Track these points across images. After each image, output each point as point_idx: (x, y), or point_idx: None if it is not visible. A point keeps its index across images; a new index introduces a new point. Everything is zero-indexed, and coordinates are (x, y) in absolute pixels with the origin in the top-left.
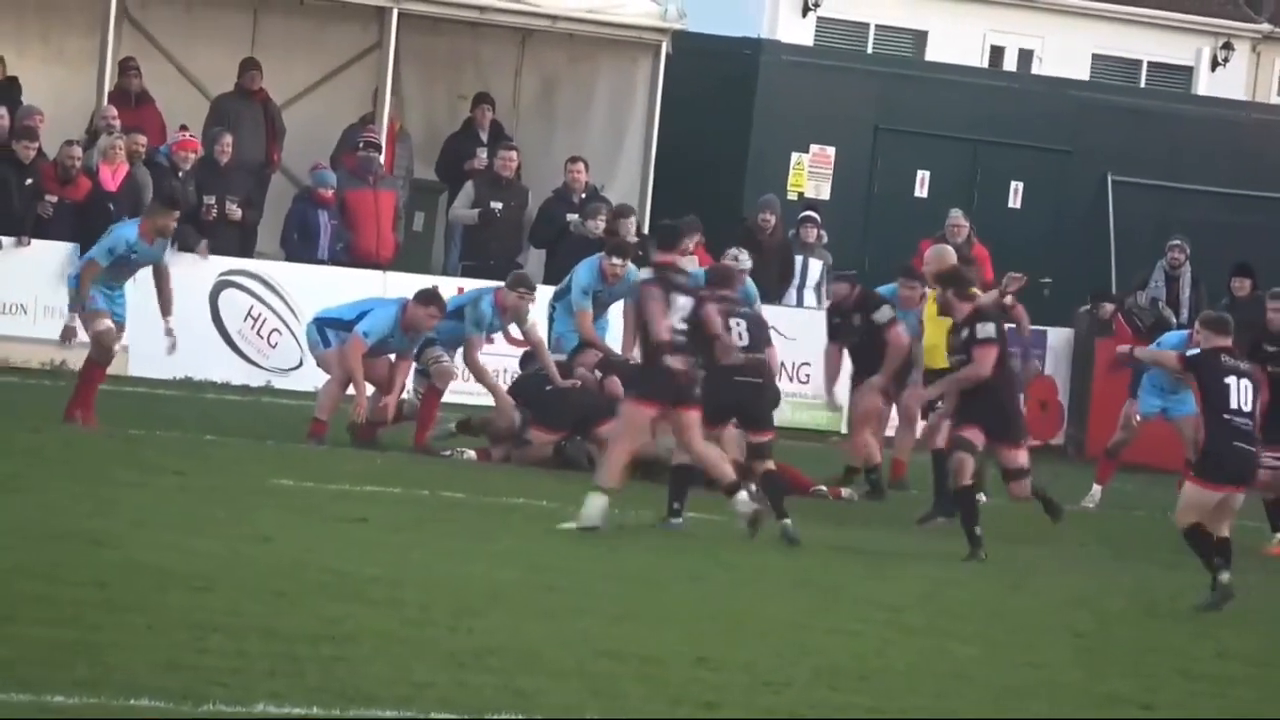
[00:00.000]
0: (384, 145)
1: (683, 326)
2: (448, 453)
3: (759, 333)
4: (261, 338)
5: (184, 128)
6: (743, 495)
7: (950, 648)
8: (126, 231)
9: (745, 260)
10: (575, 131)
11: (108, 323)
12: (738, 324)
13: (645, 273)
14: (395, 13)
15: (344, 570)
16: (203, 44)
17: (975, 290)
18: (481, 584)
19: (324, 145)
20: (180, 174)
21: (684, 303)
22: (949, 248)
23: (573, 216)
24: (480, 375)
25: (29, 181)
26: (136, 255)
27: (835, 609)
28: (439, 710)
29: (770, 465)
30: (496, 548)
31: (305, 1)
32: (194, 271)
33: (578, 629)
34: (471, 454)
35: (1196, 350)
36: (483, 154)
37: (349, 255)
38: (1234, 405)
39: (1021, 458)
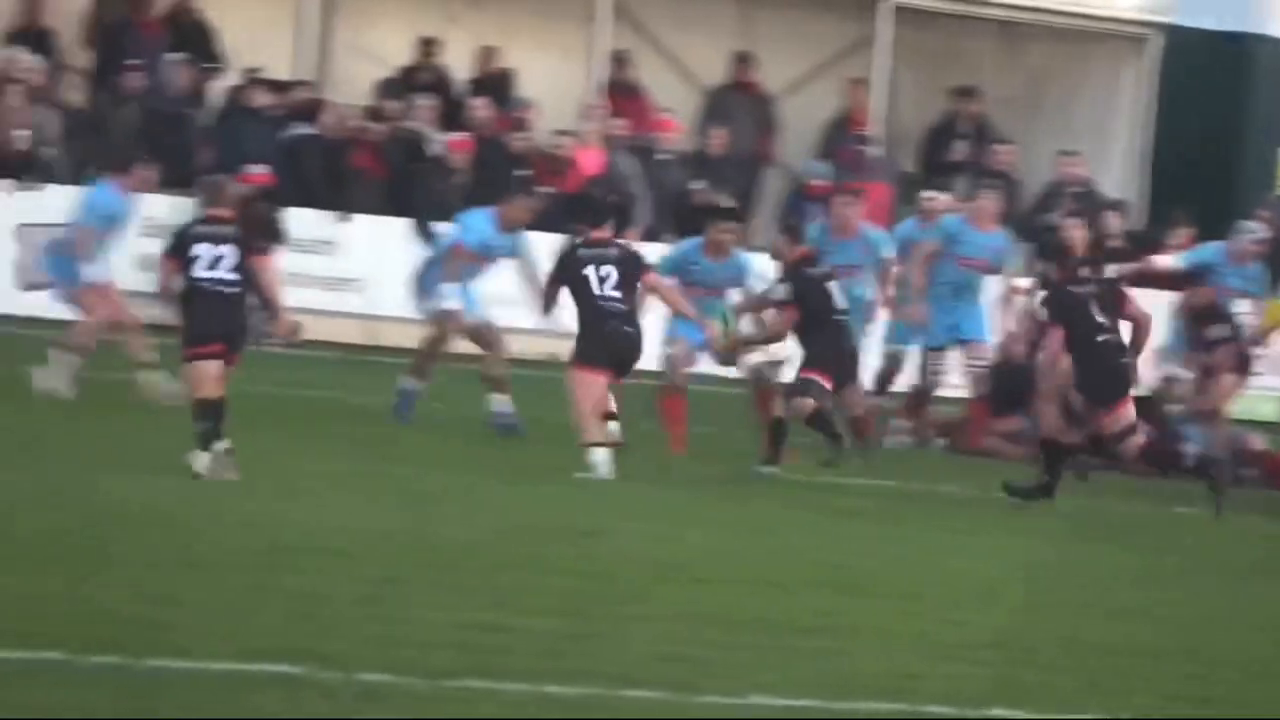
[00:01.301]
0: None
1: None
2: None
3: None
4: None
5: (668, 110)
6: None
7: None
8: (477, 221)
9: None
10: (1060, 126)
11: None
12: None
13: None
14: (887, 6)
15: (838, 563)
16: (694, 35)
17: None
18: (972, 578)
19: (813, 137)
20: (659, 158)
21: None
22: None
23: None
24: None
25: (521, 173)
26: (494, 247)
27: None
28: (933, 703)
29: None
30: (984, 542)
31: None
32: None
33: (1069, 624)
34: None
35: None
36: (964, 147)
37: None
38: None
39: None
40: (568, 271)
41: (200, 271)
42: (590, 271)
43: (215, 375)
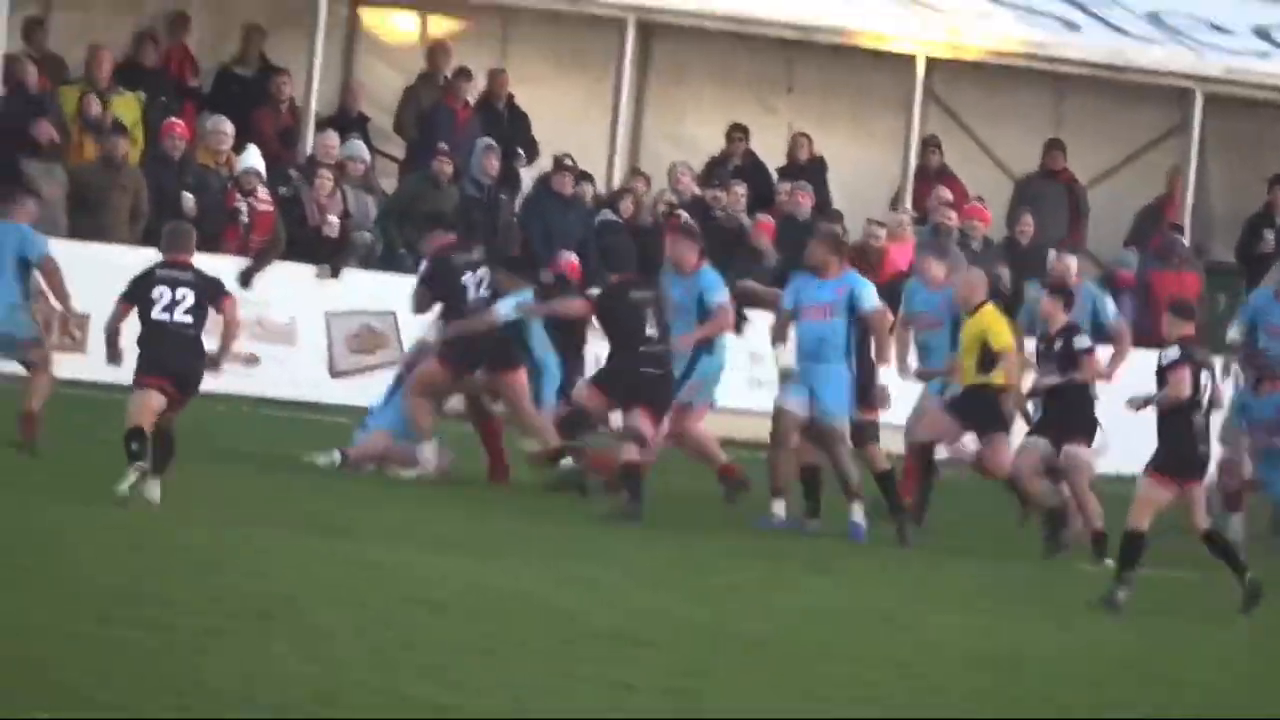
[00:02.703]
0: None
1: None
2: None
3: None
4: None
5: (979, 199)
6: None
7: None
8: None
9: None
10: None
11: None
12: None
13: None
14: (1199, 94)
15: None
16: (1006, 123)
17: None
18: None
19: (1122, 226)
20: (972, 245)
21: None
22: None
23: None
24: None
25: None
26: None
27: None
28: None
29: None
30: None
31: (1110, 80)
32: None
33: None
34: None
35: None
36: (1270, 236)
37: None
38: None
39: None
40: None
41: (157, 312)
42: None
43: (153, 407)
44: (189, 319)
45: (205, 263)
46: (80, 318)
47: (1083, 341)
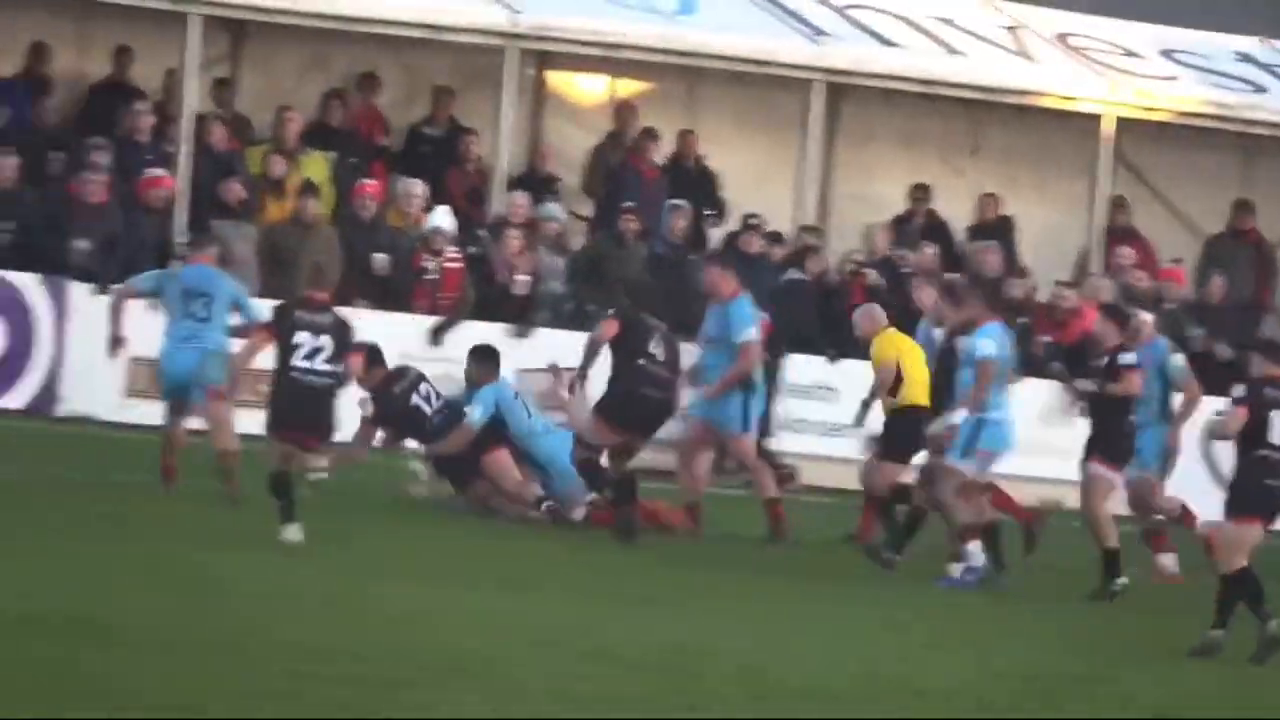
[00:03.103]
0: None
1: None
2: None
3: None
4: None
5: (1177, 260)
6: None
7: None
8: None
9: None
10: None
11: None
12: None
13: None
14: None
15: None
16: (1193, 183)
17: None
18: None
19: None
20: (1166, 306)
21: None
22: None
23: None
24: None
25: (1021, 320)
26: None
27: None
28: None
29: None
30: None
31: None
32: None
33: None
34: None
35: None
36: None
37: None
38: None
39: None
40: None
41: (298, 360)
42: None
43: (289, 455)
44: (328, 368)
45: (395, 321)
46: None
47: (1128, 358)
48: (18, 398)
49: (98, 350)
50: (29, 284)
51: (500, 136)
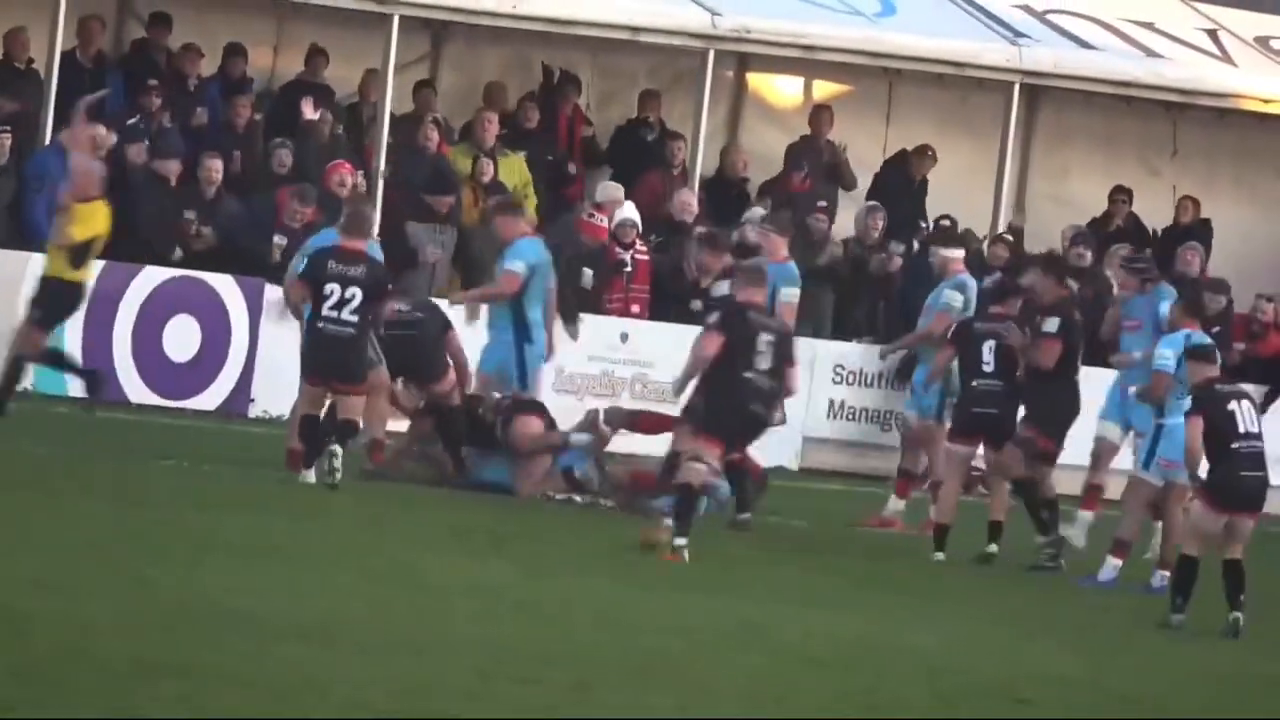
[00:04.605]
0: None
1: None
2: None
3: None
4: None
5: None
6: None
7: None
8: None
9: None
10: None
11: None
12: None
13: None
14: None
15: None
16: None
17: None
18: None
19: None
20: None
21: None
22: None
23: None
24: None
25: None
26: None
27: None
28: None
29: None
30: None
31: None
32: None
33: None
34: None
35: None
36: None
37: None
38: None
39: None
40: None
41: (325, 309)
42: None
43: (317, 399)
44: (354, 318)
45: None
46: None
47: (1050, 325)
48: (211, 399)
49: (290, 352)
50: (225, 285)
51: (699, 138)
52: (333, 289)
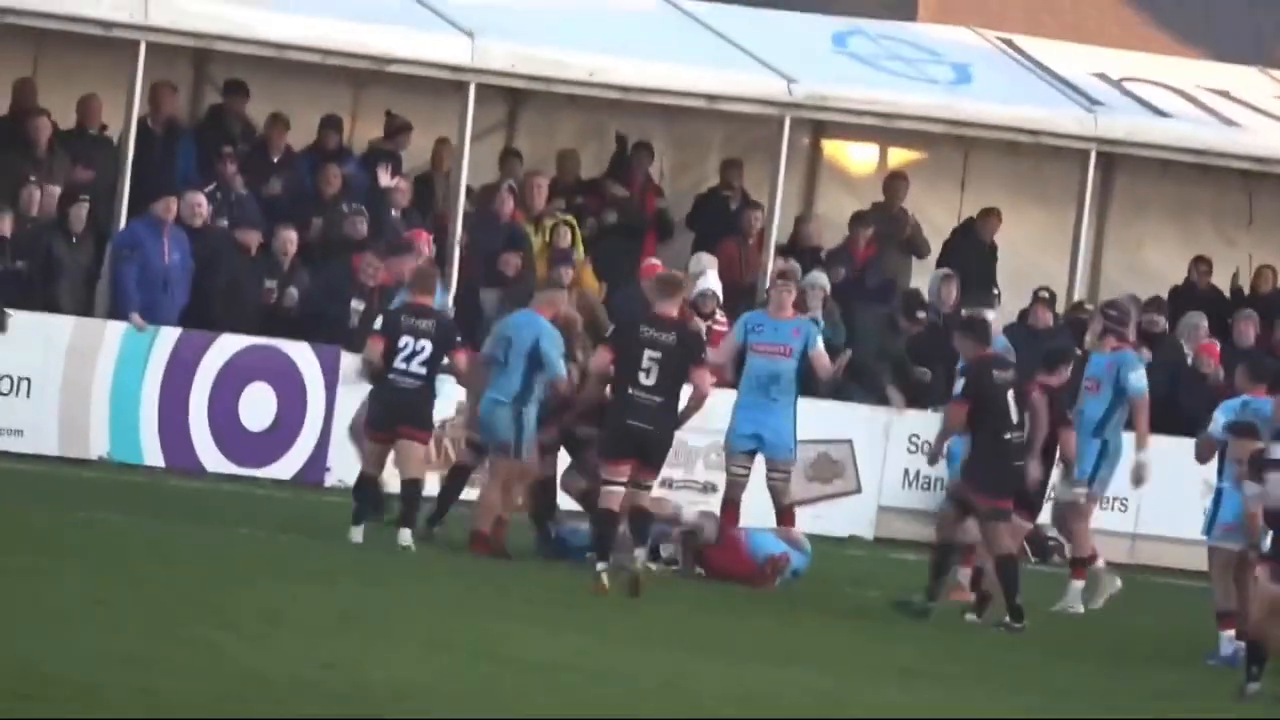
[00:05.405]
0: None
1: None
2: None
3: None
4: None
5: None
6: None
7: None
8: None
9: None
10: None
11: None
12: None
13: None
14: None
15: None
16: None
17: None
18: None
19: None
20: None
21: None
22: None
23: None
24: None
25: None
26: None
27: None
28: None
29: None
30: None
31: None
32: None
33: None
34: None
35: None
36: None
37: None
38: None
39: None
40: None
41: (397, 362)
42: None
43: (378, 458)
44: (423, 370)
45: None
46: None
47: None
48: (287, 468)
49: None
50: (301, 353)
51: (775, 205)
52: (406, 342)
